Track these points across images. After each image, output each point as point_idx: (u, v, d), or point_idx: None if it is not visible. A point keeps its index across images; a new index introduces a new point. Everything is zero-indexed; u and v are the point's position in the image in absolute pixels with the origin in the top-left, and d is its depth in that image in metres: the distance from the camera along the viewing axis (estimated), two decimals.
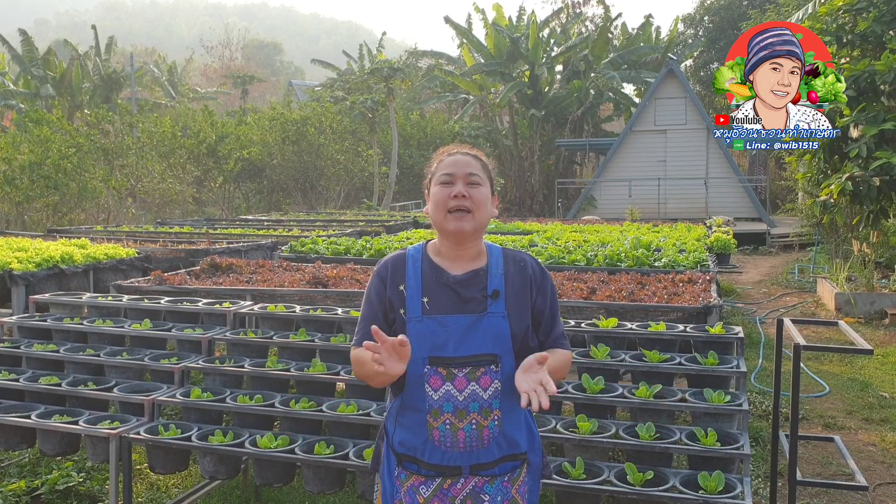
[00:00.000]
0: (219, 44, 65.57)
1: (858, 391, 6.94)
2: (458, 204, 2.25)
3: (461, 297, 2.27)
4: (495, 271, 2.32)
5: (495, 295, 2.27)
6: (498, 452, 2.24)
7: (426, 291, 2.27)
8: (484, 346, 2.22)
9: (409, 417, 2.27)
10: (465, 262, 2.33)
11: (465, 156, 2.35)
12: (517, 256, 2.39)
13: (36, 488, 4.43)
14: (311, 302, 5.82)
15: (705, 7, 35.43)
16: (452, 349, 2.21)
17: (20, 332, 5.09)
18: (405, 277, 2.31)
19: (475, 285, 2.29)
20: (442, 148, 2.47)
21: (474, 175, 2.30)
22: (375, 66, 29.81)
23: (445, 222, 2.27)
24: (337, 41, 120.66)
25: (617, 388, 3.81)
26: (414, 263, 2.34)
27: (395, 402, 2.34)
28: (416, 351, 2.19)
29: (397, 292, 2.29)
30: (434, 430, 2.22)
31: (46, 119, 22.05)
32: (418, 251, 2.38)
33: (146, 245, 10.43)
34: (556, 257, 8.11)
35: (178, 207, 25.92)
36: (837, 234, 14.41)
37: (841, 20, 10.71)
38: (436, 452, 2.23)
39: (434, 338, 2.22)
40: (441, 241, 2.36)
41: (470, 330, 2.22)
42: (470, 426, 2.21)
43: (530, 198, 30.69)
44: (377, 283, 2.35)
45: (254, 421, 4.01)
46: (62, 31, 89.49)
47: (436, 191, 2.31)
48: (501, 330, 2.24)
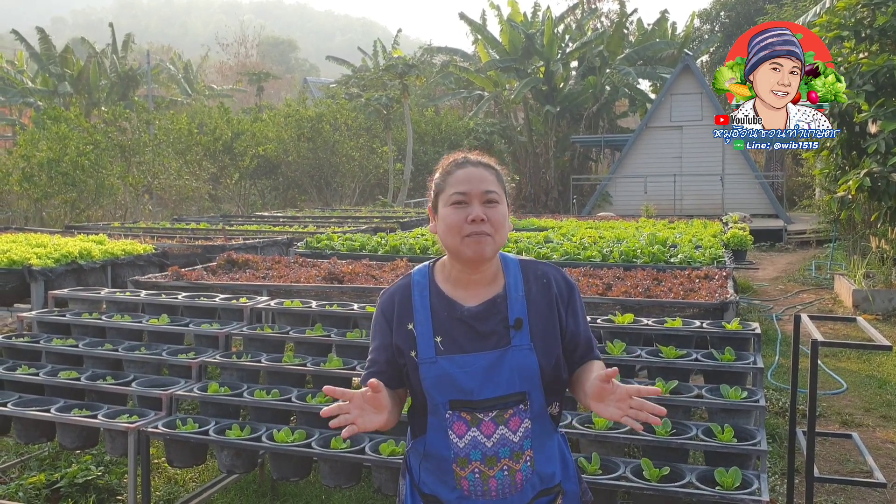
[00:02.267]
0: (234, 41, 65.74)
1: (876, 388, 6.89)
2: (476, 229, 1.96)
3: (478, 333, 2.01)
4: (515, 294, 2.05)
5: (518, 325, 2.01)
6: (531, 492, 2.03)
7: (438, 329, 2.01)
8: (511, 385, 1.97)
9: (434, 464, 2.04)
10: (479, 289, 2.06)
11: (477, 167, 2.05)
12: (538, 271, 2.11)
13: (55, 482, 4.47)
14: (326, 297, 5.84)
15: (721, 2, 35.24)
16: (476, 392, 1.96)
17: (39, 326, 5.14)
18: (413, 313, 2.04)
19: (494, 316, 2.02)
20: (447, 156, 2.16)
21: (491, 192, 2.01)
22: (390, 62, 29.82)
23: (462, 248, 1.98)
24: (352, 38, 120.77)
25: (633, 383, 3.80)
26: (421, 294, 2.06)
27: (416, 445, 2.10)
28: (435, 396, 1.98)
29: (405, 332, 2.04)
30: (462, 479, 1.99)
31: (64, 116, 22.21)
32: (425, 276, 2.10)
33: (163, 241, 10.50)
34: (572, 254, 8.09)
35: (195, 204, 26.06)
36: (855, 231, 14.28)
37: (859, 14, 10.61)
38: (466, 503, 2.01)
39: (453, 380, 1.97)
40: (452, 265, 2.07)
41: (493, 368, 1.97)
42: (502, 473, 1.98)
43: (545, 194, 30.61)
44: (382, 323, 2.10)
45: (270, 415, 4.03)
46: (79, 30, 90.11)
47: (448, 213, 2.01)
48: (529, 364, 1.98)
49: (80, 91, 33.61)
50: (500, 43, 31.85)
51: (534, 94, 31.56)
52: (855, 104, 9.96)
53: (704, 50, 33.97)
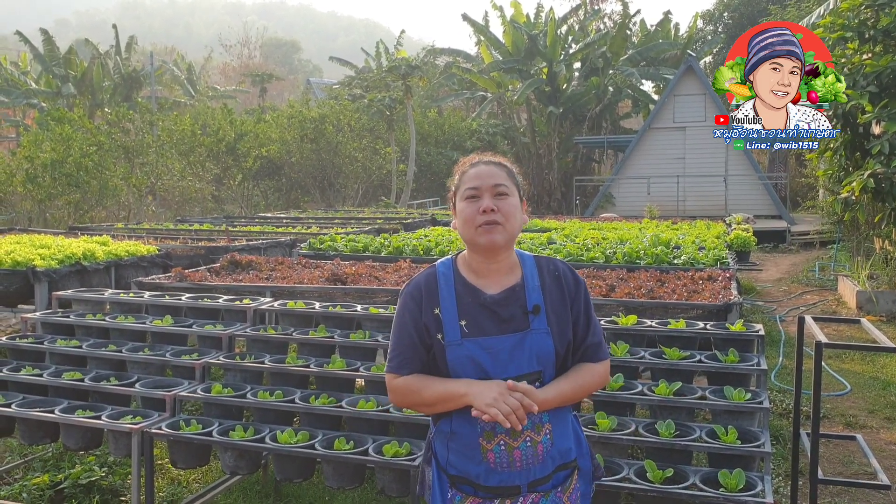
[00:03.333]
0: (237, 42, 65.84)
1: (880, 390, 6.88)
2: (487, 218, 2.16)
3: (500, 318, 2.19)
4: (532, 284, 2.25)
5: (536, 311, 2.20)
6: (552, 465, 2.19)
7: (463, 314, 2.19)
8: (530, 365, 2.16)
9: (461, 442, 2.19)
10: (499, 278, 2.25)
11: (488, 165, 2.27)
12: (550, 265, 2.32)
13: (59, 482, 4.48)
14: (330, 299, 5.85)
15: (725, 3, 35.22)
16: (500, 371, 2.14)
17: (43, 327, 5.15)
18: (439, 299, 2.22)
19: (514, 303, 2.21)
20: (463, 158, 2.38)
21: (501, 185, 2.22)
22: (393, 63, 29.83)
23: (476, 237, 2.18)
24: (355, 39, 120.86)
25: (636, 385, 3.81)
26: (447, 283, 2.24)
27: (441, 426, 2.25)
28: (461, 375, 2.15)
29: (433, 316, 2.20)
30: (489, 452, 2.15)
31: (68, 118, 22.25)
32: (448, 268, 2.29)
33: (166, 242, 10.52)
34: (575, 255, 8.09)
35: (198, 205, 26.08)
36: (859, 232, 14.25)
37: (863, 15, 10.58)
38: (493, 475, 2.16)
39: (478, 361, 2.15)
40: (472, 256, 2.26)
41: (514, 350, 2.16)
42: (525, 444, 2.14)
43: (548, 195, 30.59)
44: (412, 307, 2.25)
45: (274, 417, 4.03)
46: (82, 31, 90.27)
47: (462, 206, 2.23)
48: (545, 347, 2.18)
49: (83, 92, 33.69)
50: (503, 44, 31.85)
51: (537, 95, 31.54)
52: (859, 105, 9.92)
53: (708, 51, 33.94)
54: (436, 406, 2.19)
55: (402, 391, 2.23)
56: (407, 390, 2.22)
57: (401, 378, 2.23)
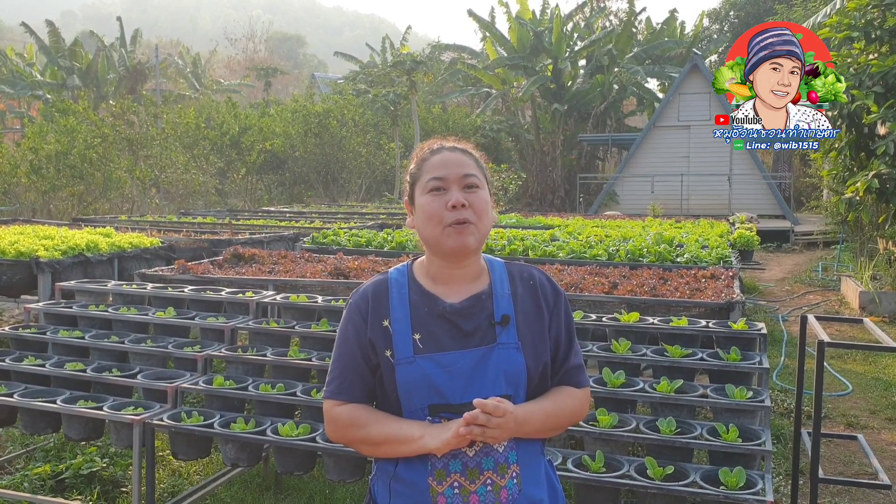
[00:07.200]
0: (242, 36, 65.85)
1: (882, 390, 6.87)
2: (458, 216, 1.80)
3: (462, 330, 1.83)
4: (501, 291, 1.89)
5: (505, 321, 1.84)
6: None
7: (417, 326, 1.83)
8: (496, 388, 1.79)
9: (405, 483, 1.81)
10: (463, 285, 1.89)
11: (454, 152, 1.90)
12: (524, 272, 1.95)
13: (60, 473, 4.49)
14: (332, 293, 5.85)
15: (731, 2, 35.13)
16: (459, 394, 1.78)
17: (46, 318, 5.15)
18: (389, 309, 1.86)
19: (479, 313, 1.85)
20: (421, 143, 1.99)
21: (471, 176, 1.86)
22: (398, 59, 29.84)
23: (443, 238, 1.81)
24: (360, 34, 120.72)
25: (638, 382, 3.80)
26: (399, 290, 1.88)
27: (383, 464, 1.88)
28: (414, 400, 1.80)
29: (381, 329, 1.84)
30: (439, 496, 1.77)
31: (72, 109, 22.30)
32: (403, 275, 1.93)
33: (170, 235, 10.53)
34: (578, 252, 8.08)
35: (201, 198, 26.11)
36: (862, 232, 14.23)
37: (870, 15, 10.55)
38: None
39: (433, 382, 1.78)
40: (432, 260, 1.90)
41: (478, 368, 1.80)
42: (484, 488, 1.77)
43: (552, 192, 30.56)
44: (356, 320, 1.88)
45: (275, 409, 4.04)
46: (88, 23, 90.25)
47: (425, 201, 1.85)
48: (515, 364, 1.82)
49: (88, 84, 33.73)
50: (508, 40, 31.82)
51: (541, 91, 31.51)
52: (864, 105, 9.91)
53: (713, 49, 33.86)
54: (381, 447, 1.83)
55: (342, 423, 1.87)
56: (349, 423, 1.85)
57: (343, 407, 1.87)
